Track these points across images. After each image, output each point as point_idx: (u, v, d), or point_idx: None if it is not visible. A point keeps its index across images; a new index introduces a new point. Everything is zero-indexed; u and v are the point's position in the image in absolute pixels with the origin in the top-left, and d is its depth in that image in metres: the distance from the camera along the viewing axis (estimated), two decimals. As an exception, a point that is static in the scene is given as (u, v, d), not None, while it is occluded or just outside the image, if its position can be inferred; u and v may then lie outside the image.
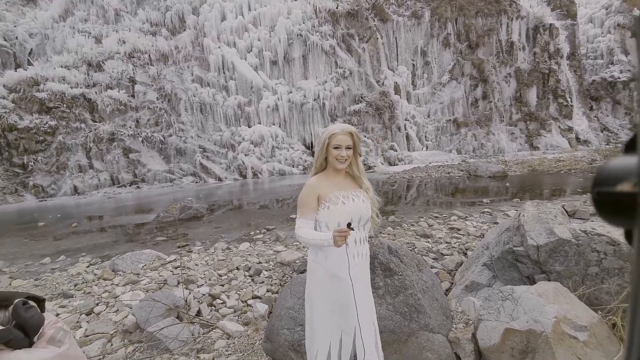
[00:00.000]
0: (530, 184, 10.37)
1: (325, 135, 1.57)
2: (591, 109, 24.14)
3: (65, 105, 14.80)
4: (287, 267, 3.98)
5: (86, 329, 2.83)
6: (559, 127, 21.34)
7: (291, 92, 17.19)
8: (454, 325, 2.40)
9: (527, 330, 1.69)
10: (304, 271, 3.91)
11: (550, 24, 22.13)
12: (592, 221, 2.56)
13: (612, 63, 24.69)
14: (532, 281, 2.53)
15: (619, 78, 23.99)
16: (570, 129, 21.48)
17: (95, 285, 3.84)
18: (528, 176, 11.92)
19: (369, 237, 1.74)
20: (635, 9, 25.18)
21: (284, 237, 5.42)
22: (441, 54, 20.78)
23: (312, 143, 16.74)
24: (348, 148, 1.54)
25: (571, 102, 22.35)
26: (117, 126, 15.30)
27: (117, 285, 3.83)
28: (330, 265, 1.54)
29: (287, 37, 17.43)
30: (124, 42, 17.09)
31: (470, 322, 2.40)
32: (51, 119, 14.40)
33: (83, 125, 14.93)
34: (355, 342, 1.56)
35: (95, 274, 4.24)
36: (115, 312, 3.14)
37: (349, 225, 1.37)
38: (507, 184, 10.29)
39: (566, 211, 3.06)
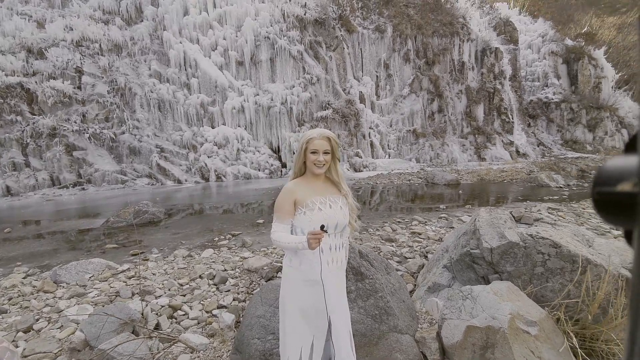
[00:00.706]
0: (479, 191, 11.30)
1: (303, 140, 1.59)
2: (529, 125, 27.08)
3: (-3, 95, 13.05)
4: (255, 274, 3.88)
5: (25, 349, 2.49)
6: (502, 141, 23.60)
7: (258, 95, 16.91)
8: (420, 325, 2.52)
9: (486, 327, 1.84)
10: (272, 278, 3.84)
11: (496, 48, 24.54)
12: (536, 226, 2.88)
13: (546, 85, 28.05)
14: (486, 281, 2.76)
15: (552, 99, 27.30)
16: (511, 143, 23.86)
17: (34, 299, 3.40)
18: (477, 184, 12.97)
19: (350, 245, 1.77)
20: (566, 38, 28.93)
21: (251, 242, 5.28)
22: (402, 68, 21.95)
23: (279, 147, 16.57)
24: (326, 153, 1.56)
25: (512, 118, 24.88)
26: (60, 120, 13.81)
27: (60, 298, 3.43)
28: (305, 270, 1.55)
29: (254, 38, 17.17)
30: (71, 29, 15.57)
31: (434, 321, 2.55)
32: (-22, 110, 12.59)
33: (19, 118, 13.25)
34: (327, 345, 1.57)
35: (33, 286, 3.76)
36: (60, 328, 2.81)
37: (322, 227, 1.39)
38: (460, 192, 11.10)
39: (513, 217, 3.40)
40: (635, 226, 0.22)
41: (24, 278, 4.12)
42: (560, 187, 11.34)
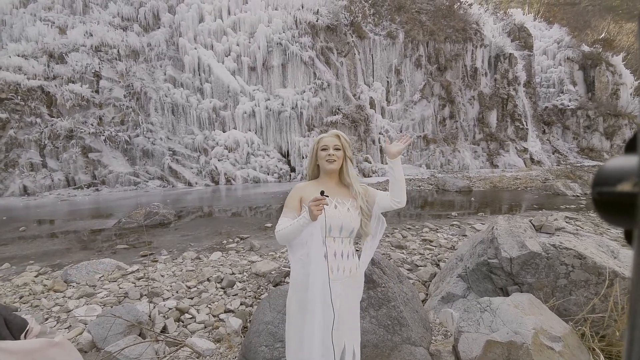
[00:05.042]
0: (492, 199, 11.02)
1: (315, 142, 1.60)
2: (544, 132, 26.46)
3: (19, 97, 13.52)
4: (263, 278, 3.83)
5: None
6: (516, 147, 23.11)
7: (269, 99, 17.06)
8: (434, 338, 2.41)
9: (508, 342, 1.73)
10: (280, 283, 3.78)
11: (510, 54, 24.18)
12: (558, 235, 2.74)
13: (562, 92, 27.41)
14: (505, 292, 2.63)
15: (568, 106, 26.64)
16: (525, 150, 23.33)
17: (45, 298, 3.42)
18: (490, 192, 12.67)
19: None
20: (583, 44, 28.31)
21: (259, 246, 5.24)
22: (413, 73, 21.83)
23: (288, 151, 16.62)
24: (337, 149, 1.54)
25: (526, 125, 24.37)
26: (77, 123, 14.20)
27: (69, 297, 3.44)
28: (305, 273, 1.50)
29: (266, 44, 17.40)
30: (91, 35, 16.10)
31: (449, 333, 2.43)
32: (2, 111, 13.06)
33: (38, 120, 13.69)
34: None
35: (44, 285, 3.79)
36: (68, 328, 2.81)
37: (322, 193, 1.30)
38: (472, 199, 10.85)
39: (533, 225, 3.26)
40: (635, 226, 0.22)
41: (35, 277, 4.16)
42: (578, 195, 10.97)
